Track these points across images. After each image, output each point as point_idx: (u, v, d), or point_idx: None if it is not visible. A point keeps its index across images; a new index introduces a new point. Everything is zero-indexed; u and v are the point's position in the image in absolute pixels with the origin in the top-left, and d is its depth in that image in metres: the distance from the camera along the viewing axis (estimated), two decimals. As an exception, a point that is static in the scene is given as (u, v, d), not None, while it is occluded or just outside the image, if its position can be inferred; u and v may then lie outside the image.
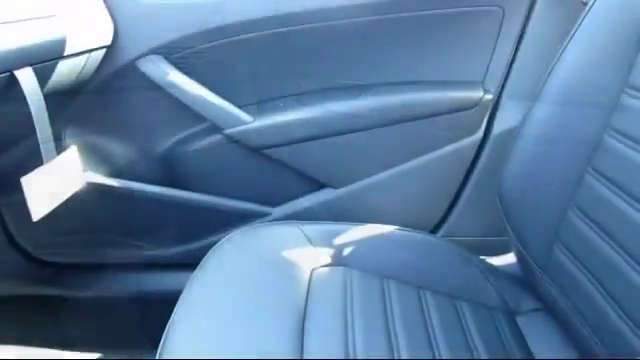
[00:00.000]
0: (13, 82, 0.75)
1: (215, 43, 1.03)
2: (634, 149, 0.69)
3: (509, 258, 1.05)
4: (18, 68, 0.75)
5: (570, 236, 0.80)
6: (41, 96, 0.79)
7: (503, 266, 1.03)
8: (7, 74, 0.74)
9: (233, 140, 1.10)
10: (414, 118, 1.08)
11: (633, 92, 0.73)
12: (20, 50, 0.75)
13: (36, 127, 0.78)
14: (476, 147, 1.11)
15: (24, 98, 0.77)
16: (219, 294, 0.77)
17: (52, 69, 0.85)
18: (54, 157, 0.82)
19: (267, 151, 1.11)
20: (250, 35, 1.03)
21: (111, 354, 1.18)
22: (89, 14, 0.94)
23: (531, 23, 1.02)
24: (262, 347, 0.67)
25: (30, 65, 0.78)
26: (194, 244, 1.18)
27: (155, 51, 1.02)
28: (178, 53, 1.03)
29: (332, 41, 1.05)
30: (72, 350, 1.17)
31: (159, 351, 0.66)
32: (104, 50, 0.99)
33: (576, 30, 0.83)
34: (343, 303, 0.81)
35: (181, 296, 0.76)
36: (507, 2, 1.01)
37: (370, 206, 1.15)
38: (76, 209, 0.97)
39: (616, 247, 0.68)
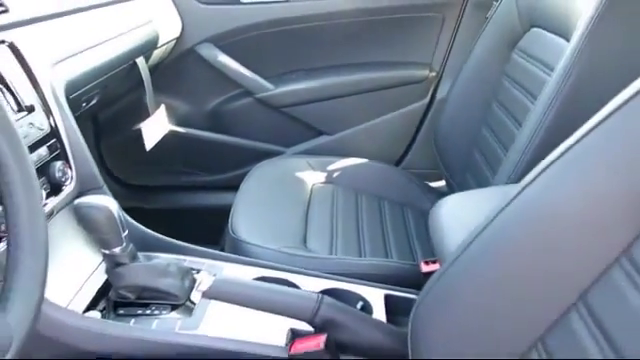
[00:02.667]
0: (134, 66, 1.17)
1: (249, 35, 1.43)
2: (506, 115, 1.10)
3: (441, 182, 1.47)
4: (137, 57, 1.17)
5: (474, 166, 1.22)
6: (148, 74, 1.21)
7: (437, 187, 1.46)
8: (131, 62, 1.15)
9: (260, 101, 1.49)
10: (383, 88, 1.48)
11: (507, 77, 1.14)
12: (138, 46, 1.16)
13: (147, 94, 1.20)
14: (424, 108, 1.51)
15: (140, 76, 1.18)
16: (258, 198, 1.19)
17: (150, 56, 1.26)
18: (154, 112, 1.25)
19: (283, 109, 1.51)
20: (273, 30, 1.42)
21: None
22: (167, 16, 1.34)
23: (461, 26, 1.41)
24: (285, 221, 1.11)
25: (142, 55, 1.19)
26: (233, 172, 1.56)
27: (208, 40, 1.42)
28: (224, 41, 1.43)
29: (328, 35, 1.44)
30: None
31: (230, 227, 1.06)
32: (175, 40, 1.40)
33: (481, 32, 1.22)
34: (331, 206, 1.21)
35: (235, 201, 1.16)
36: (446, 11, 1.41)
37: (352, 146, 1.52)
38: (153, 148, 1.37)
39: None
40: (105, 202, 0.73)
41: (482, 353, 0.54)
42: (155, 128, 1.25)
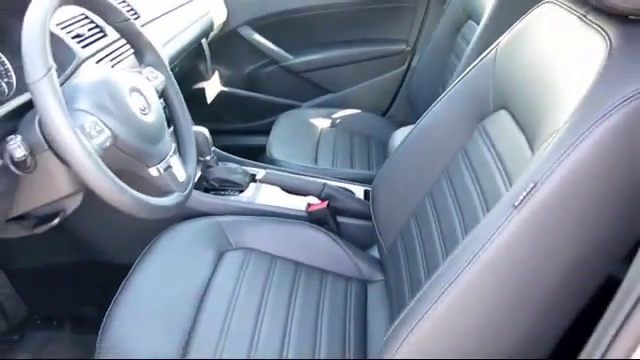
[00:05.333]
0: (200, 46, 1.65)
1: (276, 19, 1.90)
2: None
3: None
4: (202, 39, 1.65)
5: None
6: (209, 52, 1.70)
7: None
8: (199, 43, 1.64)
9: (283, 68, 1.97)
10: (372, 58, 1.96)
11: (454, 55, 1.60)
12: (202, 31, 1.64)
13: (207, 65, 1.69)
14: (403, 74, 1.98)
15: (205, 52, 1.67)
16: (284, 135, 1.68)
17: (208, 37, 1.74)
18: (211, 77, 1.74)
19: (300, 74, 1.98)
20: (294, 15, 1.89)
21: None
22: (218, 7, 1.81)
23: (428, 13, 1.88)
24: (303, 148, 1.60)
25: (204, 37, 1.68)
26: (262, 120, 2.03)
27: (246, 23, 1.90)
28: (257, 24, 1.90)
29: (333, 19, 1.91)
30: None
31: (268, 151, 1.57)
32: (222, 24, 1.87)
33: (440, 21, 1.69)
34: (333, 141, 1.68)
35: (269, 137, 1.65)
36: (418, 2, 1.87)
37: (350, 101, 1.98)
38: (205, 101, 1.85)
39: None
40: (202, 129, 1.23)
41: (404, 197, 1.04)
42: (212, 88, 1.75)
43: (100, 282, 1.09)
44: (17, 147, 0.71)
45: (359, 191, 1.36)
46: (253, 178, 1.30)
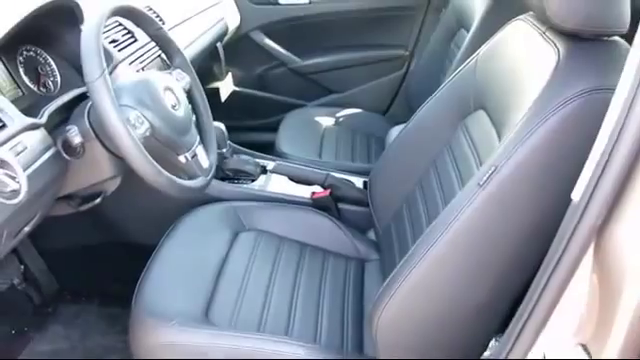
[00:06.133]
0: (216, 49, 1.80)
1: (285, 25, 2.03)
2: (445, 80, 1.72)
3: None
4: (217, 42, 1.80)
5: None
6: (223, 54, 1.84)
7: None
8: (215, 46, 1.78)
9: (291, 70, 2.11)
10: (374, 61, 2.10)
11: (448, 60, 1.74)
12: (217, 35, 1.78)
13: (222, 66, 1.83)
14: (402, 76, 2.11)
15: (220, 55, 1.81)
16: (292, 132, 1.82)
17: (223, 41, 1.89)
18: (225, 77, 1.88)
19: (307, 75, 2.12)
20: (300, 22, 2.03)
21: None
22: (231, 13, 1.95)
23: (425, 22, 2.01)
24: (308, 144, 1.75)
25: (219, 41, 1.82)
26: (270, 118, 2.13)
27: (257, 28, 2.04)
28: (268, 29, 2.04)
29: (337, 26, 2.05)
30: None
31: (277, 145, 1.71)
32: (235, 28, 2.02)
33: (435, 29, 1.83)
34: (336, 138, 1.82)
35: (278, 133, 1.80)
36: (416, 12, 2.01)
37: (353, 101, 2.11)
38: (217, 100, 1.99)
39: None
40: (219, 125, 1.37)
41: (397, 186, 1.18)
42: (226, 87, 1.89)
43: (126, 261, 1.22)
44: (75, 135, 0.85)
45: (359, 181, 1.50)
46: (264, 169, 1.44)
